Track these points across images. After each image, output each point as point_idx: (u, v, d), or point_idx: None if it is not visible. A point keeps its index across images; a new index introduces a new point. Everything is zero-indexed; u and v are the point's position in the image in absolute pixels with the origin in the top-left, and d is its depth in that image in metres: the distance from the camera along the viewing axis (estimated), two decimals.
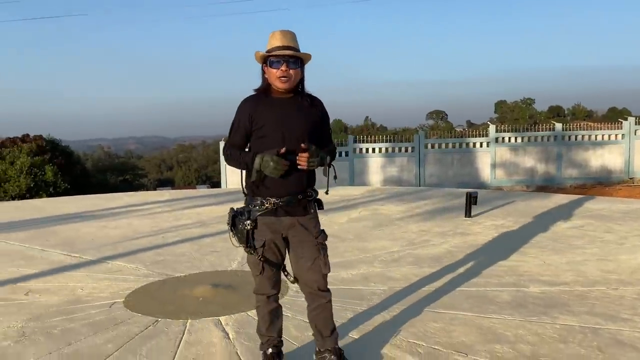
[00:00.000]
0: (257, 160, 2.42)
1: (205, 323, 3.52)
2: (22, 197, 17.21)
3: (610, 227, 6.53)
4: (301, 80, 2.55)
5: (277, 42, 2.47)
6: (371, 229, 6.90)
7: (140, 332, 3.38)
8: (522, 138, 22.57)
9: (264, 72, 2.53)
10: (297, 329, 3.40)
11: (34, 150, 19.65)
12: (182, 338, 3.28)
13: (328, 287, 2.68)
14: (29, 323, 3.60)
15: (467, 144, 22.80)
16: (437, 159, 22.58)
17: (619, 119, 23.86)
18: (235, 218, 2.53)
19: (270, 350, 2.73)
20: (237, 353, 3.06)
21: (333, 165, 2.62)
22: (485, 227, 6.81)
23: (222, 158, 22.40)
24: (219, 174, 23.70)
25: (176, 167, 43.48)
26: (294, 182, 2.50)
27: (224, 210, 8.66)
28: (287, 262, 2.70)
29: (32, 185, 18.12)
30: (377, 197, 10.41)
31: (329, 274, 2.64)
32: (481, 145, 22.63)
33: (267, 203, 2.48)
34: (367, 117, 56.68)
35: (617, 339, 3.13)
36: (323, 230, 2.63)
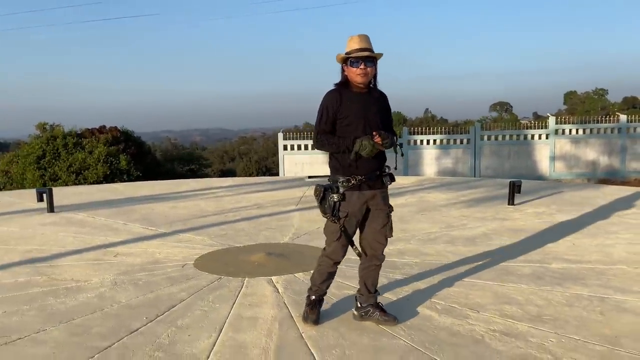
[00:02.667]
0: (357, 144, 2.92)
1: (259, 281, 4.20)
2: (99, 183, 18.87)
3: None
4: (374, 76, 3.07)
5: (355, 44, 2.99)
6: (414, 213, 7.36)
7: (207, 285, 4.11)
8: (584, 130, 21.91)
9: (343, 70, 3.05)
10: (337, 289, 3.99)
11: (109, 140, 21.34)
12: (240, 290, 3.97)
13: (383, 253, 3.23)
14: (119, 276, 4.43)
15: (525, 136, 22.41)
16: (493, 151, 22.38)
17: None
18: (325, 192, 3.04)
19: (314, 297, 3.31)
20: (284, 302, 3.70)
21: (399, 147, 3.13)
22: (525, 214, 7.09)
23: (280, 149, 23.32)
24: (278, 165, 24.70)
25: (238, 158, 45.18)
26: (374, 161, 3.03)
27: (280, 195, 9.44)
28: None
29: (108, 172, 19.76)
30: (426, 186, 10.79)
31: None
32: (540, 137, 22.18)
33: (353, 180, 3.00)
34: (426, 109, 56.09)
35: (620, 307, 3.49)
36: (390, 204, 3.20)
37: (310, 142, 23.39)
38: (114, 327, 3.32)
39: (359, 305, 3.31)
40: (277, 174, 24.72)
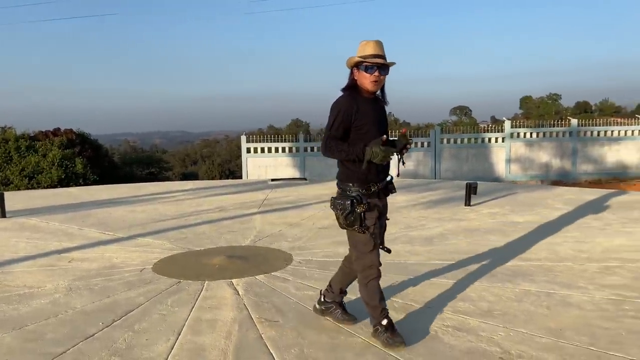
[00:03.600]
0: (368, 151, 2.79)
1: (219, 283, 4.20)
2: (54, 187, 18.26)
3: (600, 215, 6.98)
4: (383, 85, 3.00)
5: (371, 50, 2.86)
6: None
7: (166, 289, 4.08)
8: (538, 133, 22.77)
9: (351, 74, 2.94)
10: (297, 290, 4.03)
11: (64, 143, 20.67)
12: (200, 293, 3.96)
13: None
14: (74, 282, 4.34)
15: (483, 139, 23.09)
16: (452, 154, 22.95)
17: (636, 115, 23.79)
18: (352, 203, 2.86)
19: (385, 320, 2.99)
20: (244, 304, 3.71)
21: (402, 156, 3.08)
22: (480, 215, 7.33)
23: (244, 152, 23.18)
24: (241, 168, 24.52)
25: (200, 161, 44.61)
26: (386, 168, 3.01)
27: (242, 198, 9.41)
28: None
29: (63, 176, 19.14)
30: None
31: (340, 249, 3.25)
32: (496, 141, 22.90)
33: (373, 187, 2.93)
34: (389, 112, 56.95)
35: (565, 301, 3.68)
36: None
37: (273, 145, 23.38)
38: (69, 333, 3.26)
39: (323, 299, 3.34)
40: (240, 177, 24.55)
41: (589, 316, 3.38)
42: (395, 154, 2.91)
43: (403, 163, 3.00)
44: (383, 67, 2.88)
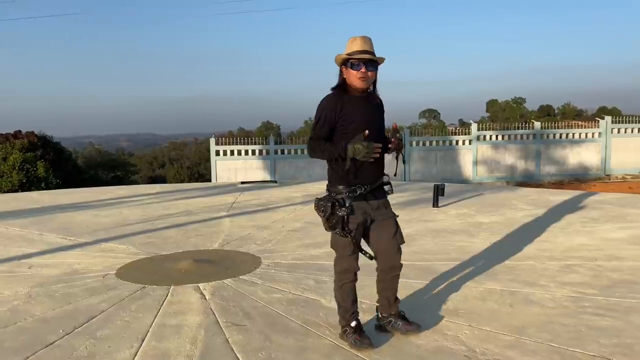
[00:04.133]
0: (350, 148, 2.71)
1: (186, 288, 4.13)
2: (14, 192, 17.64)
3: (562, 215, 7.17)
4: (374, 81, 2.92)
5: (357, 46, 2.79)
6: None
7: (130, 295, 3.99)
8: (503, 136, 23.33)
9: (341, 73, 2.87)
10: (265, 293, 4.00)
11: (26, 146, 20.05)
12: (165, 299, 3.89)
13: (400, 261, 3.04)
14: (34, 289, 4.19)
15: (451, 142, 23.51)
16: (421, 156, 23.28)
17: (597, 118, 24.67)
18: (333, 205, 2.80)
19: (354, 322, 2.99)
20: (211, 309, 3.66)
21: (401, 153, 3.00)
22: (448, 216, 7.44)
23: (213, 154, 22.94)
24: (211, 171, 24.24)
25: (168, 164, 43.89)
26: (377, 169, 2.90)
27: (211, 201, 9.29)
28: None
29: (24, 180, 18.55)
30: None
31: (309, 251, 3.13)
32: (464, 143, 23.35)
33: (359, 190, 2.83)
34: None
35: (528, 299, 3.77)
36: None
37: (243, 148, 23.22)
38: (28, 341, 3.15)
39: (380, 315, 3.16)
40: (210, 181, 24.27)
41: (550, 313, 3.46)
42: (393, 152, 2.91)
43: (404, 162, 2.96)
44: (371, 63, 2.81)
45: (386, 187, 3.00)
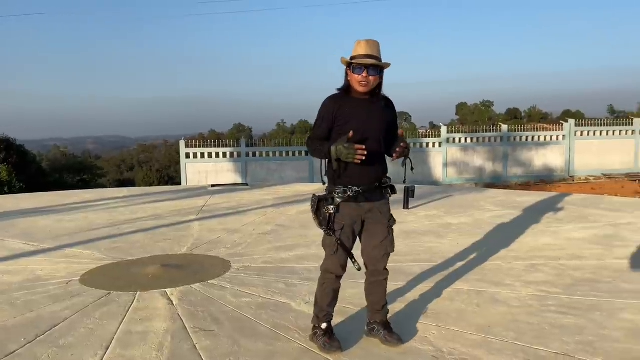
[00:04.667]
0: (333, 150, 2.70)
1: (153, 294, 4.05)
2: None
3: (528, 216, 7.35)
4: (379, 85, 2.85)
5: (361, 50, 2.78)
6: None
7: (94, 302, 3.88)
8: (472, 138, 23.77)
9: (347, 75, 2.85)
10: (234, 297, 3.96)
11: None
12: (131, 305, 3.80)
13: (387, 267, 3.07)
14: None
15: (421, 144, 23.82)
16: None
17: (561, 121, 25.42)
18: (320, 203, 2.84)
19: (325, 324, 2.99)
20: (178, 314, 3.60)
21: (410, 159, 2.95)
22: (418, 217, 7.53)
23: (183, 157, 22.64)
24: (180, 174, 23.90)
25: (137, 167, 43.08)
26: (373, 171, 2.84)
27: (180, 205, 9.15)
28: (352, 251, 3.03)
29: None
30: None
31: (280, 255, 3.16)
32: (434, 145, 23.69)
33: (349, 191, 2.80)
34: None
35: (494, 298, 3.84)
36: (392, 215, 3.02)
37: (214, 150, 23.00)
38: None
39: (368, 321, 3.15)
40: (180, 184, 23.92)
41: (515, 312, 3.54)
42: (400, 158, 2.84)
43: (412, 168, 2.90)
44: (373, 68, 2.77)
45: (385, 191, 2.94)
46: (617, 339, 3.08)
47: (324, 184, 2.95)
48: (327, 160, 2.84)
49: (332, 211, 2.82)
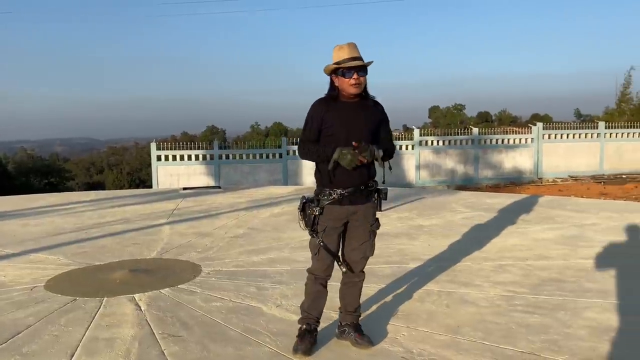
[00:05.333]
0: (337, 152, 2.76)
1: (120, 299, 3.96)
2: None
3: (496, 217, 7.50)
4: (365, 86, 2.90)
5: (346, 54, 2.81)
6: (289, 222, 7.47)
7: (60, 308, 3.78)
8: (444, 141, 24.09)
9: (332, 82, 2.88)
10: (204, 302, 3.91)
11: None
12: (98, 311, 3.71)
13: (363, 270, 3.10)
14: None
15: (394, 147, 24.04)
16: None
17: (529, 124, 26.01)
18: (305, 204, 2.91)
19: (304, 326, 3.00)
20: (146, 320, 3.53)
21: (389, 161, 2.97)
22: (390, 219, 7.58)
23: (154, 160, 22.28)
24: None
25: (107, 170, 42.20)
26: (358, 175, 2.85)
27: (150, 208, 9.00)
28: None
29: None
30: (302, 195, 11.03)
31: (252, 258, 3.12)
32: (407, 148, 23.93)
33: (334, 194, 2.85)
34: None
35: (463, 299, 3.89)
36: (377, 219, 3.06)
37: (186, 153, 22.70)
38: None
39: (339, 323, 3.15)
40: (151, 187, 23.52)
41: (483, 312, 3.59)
42: (372, 159, 2.84)
43: (390, 168, 2.95)
44: (361, 69, 2.82)
45: (372, 194, 2.98)
46: (582, 337, 3.16)
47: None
48: (321, 161, 2.88)
49: (316, 212, 2.86)
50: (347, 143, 2.79)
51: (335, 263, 3.00)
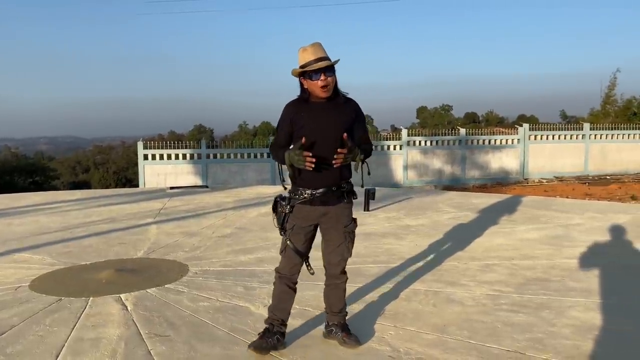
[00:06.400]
0: (286, 156, 2.75)
1: (106, 299, 3.93)
2: None
3: (482, 217, 7.56)
4: (335, 84, 2.83)
5: (311, 56, 2.74)
6: None
7: (44, 308, 3.74)
8: (432, 142, 24.24)
9: (301, 84, 2.82)
10: (191, 301, 3.89)
11: None
12: (83, 311, 3.68)
13: (345, 271, 3.08)
14: None
15: (383, 147, 24.11)
16: None
17: (515, 125, 26.27)
18: (277, 202, 2.91)
19: (266, 326, 3.00)
20: (133, 320, 3.51)
21: (366, 162, 2.90)
22: (378, 219, 7.61)
23: (140, 159, 22.10)
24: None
25: (93, 169, 41.73)
26: (329, 176, 2.81)
27: (137, 207, 8.93)
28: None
29: None
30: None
31: (239, 257, 3.08)
32: (395, 148, 24.03)
33: (304, 193, 2.83)
34: None
35: (450, 298, 3.92)
36: (354, 220, 3.01)
37: (173, 152, 22.58)
38: None
39: (326, 322, 3.15)
40: (138, 186, 23.32)
41: (469, 311, 3.63)
42: (352, 162, 2.80)
43: (369, 173, 2.90)
44: (328, 69, 2.76)
45: (345, 195, 2.91)
46: (566, 336, 3.20)
47: (284, 188, 2.98)
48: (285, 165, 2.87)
49: (286, 210, 2.87)
50: (320, 145, 2.76)
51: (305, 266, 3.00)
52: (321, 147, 2.77)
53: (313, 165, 2.73)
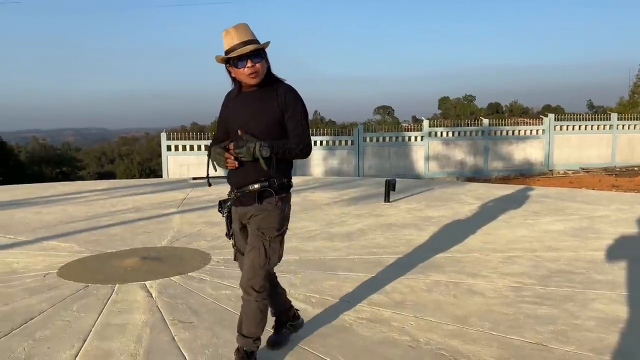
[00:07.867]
0: (212, 152, 2.52)
1: (131, 286, 4.02)
2: None
3: (506, 208, 7.46)
4: (268, 69, 2.49)
5: (234, 39, 2.39)
6: (297, 213, 7.51)
7: (72, 294, 3.85)
8: (453, 132, 23.96)
9: (229, 72, 2.49)
10: (213, 289, 3.96)
11: None
12: (109, 298, 3.77)
13: (257, 288, 2.61)
14: None
15: (404, 138, 23.95)
16: (375, 152, 23.59)
17: (541, 116, 25.76)
18: (219, 205, 2.66)
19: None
20: (157, 306, 3.58)
21: (272, 157, 2.44)
22: (399, 210, 7.59)
23: (164, 150, 22.42)
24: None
25: (118, 160, 42.52)
26: (244, 173, 2.50)
27: (161, 197, 9.08)
28: None
29: None
30: (310, 186, 11.06)
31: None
32: (416, 139, 23.84)
33: (232, 194, 2.61)
34: (315, 111, 57.28)
35: (471, 290, 3.90)
36: (281, 222, 2.59)
37: (195, 143, 22.81)
38: None
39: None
40: (162, 176, 23.67)
41: (491, 303, 3.60)
42: (250, 159, 2.44)
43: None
44: (256, 54, 2.39)
45: (259, 194, 2.52)
46: (589, 328, 3.16)
47: (209, 185, 2.83)
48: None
49: (225, 214, 2.66)
50: (238, 137, 2.47)
51: None
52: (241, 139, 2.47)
53: (236, 164, 2.47)
